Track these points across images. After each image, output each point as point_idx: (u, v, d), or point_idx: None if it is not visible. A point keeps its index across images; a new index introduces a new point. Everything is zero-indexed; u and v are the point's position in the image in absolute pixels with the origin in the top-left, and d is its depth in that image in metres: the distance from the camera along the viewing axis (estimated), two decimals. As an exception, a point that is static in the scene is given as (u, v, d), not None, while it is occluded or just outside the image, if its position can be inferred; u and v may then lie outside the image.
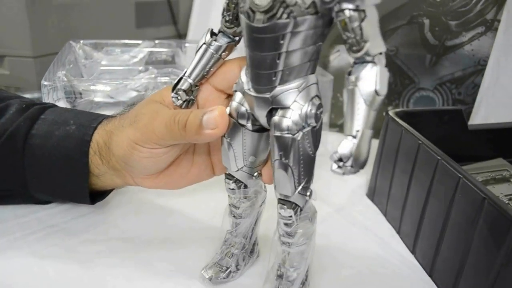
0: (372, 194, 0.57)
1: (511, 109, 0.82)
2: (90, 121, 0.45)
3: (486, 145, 0.61)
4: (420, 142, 0.47)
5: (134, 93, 0.58)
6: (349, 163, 0.28)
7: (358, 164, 0.28)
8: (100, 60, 0.72)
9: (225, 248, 0.42)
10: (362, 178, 0.60)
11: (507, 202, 0.51)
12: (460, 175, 0.41)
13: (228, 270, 0.42)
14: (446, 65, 0.69)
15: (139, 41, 0.75)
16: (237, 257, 0.42)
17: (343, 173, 0.28)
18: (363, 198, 0.58)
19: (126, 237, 0.48)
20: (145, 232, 0.49)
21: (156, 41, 0.75)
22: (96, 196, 0.47)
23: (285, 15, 0.28)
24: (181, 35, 1.13)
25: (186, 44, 0.76)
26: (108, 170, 0.44)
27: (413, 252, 0.48)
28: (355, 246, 0.49)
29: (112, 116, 0.45)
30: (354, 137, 0.28)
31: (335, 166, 0.28)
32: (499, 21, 0.67)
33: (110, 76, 0.66)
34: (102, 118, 0.45)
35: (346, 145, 0.28)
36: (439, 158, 0.44)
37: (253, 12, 0.28)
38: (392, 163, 0.52)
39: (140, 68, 0.66)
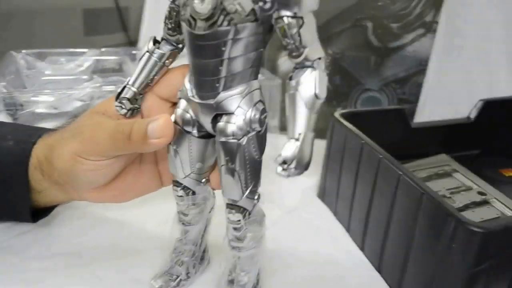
0: (322, 194, 0.58)
1: (454, 106, 0.86)
2: (29, 135, 0.43)
3: (430, 142, 0.63)
4: (363, 142, 0.48)
5: (78, 103, 0.57)
6: (292, 165, 0.29)
7: (302, 165, 0.29)
8: (44, 70, 0.70)
9: (174, 256, 0.42)
10: (313, 179, 0.61)
11: (448, 195, 0.53)
12: (400, 172, 0.42)
13: (179, 279, 0.41)
14: (390, 66, 0.72)
15: (85, 50, 0.73)
16: (187, 264, 0.41)
17: (288, 175, 0.29)
18: (314, 199, 0.59)
19: (71, 251, 0.46)
20: (91, 246, 0.47)
21: (103, 49, 0.73)
22: (39, 213, 0.45)
23: (225, 23, 0.28)
24: (132, 42, 1.11)
25: (134, 52, 0.75)
26: (51, 185, 0.42)
27: (362, 249, 0.50)
28: (306, 247, 0.50)
29: (52, 130, 0.44)
30: (297, 139, 0.29)
31: (279, 168, 0.29)
32: (437, 23, 0.70)
33: (54, 86, 0.64)
34: (41, 132, 0.43)
35: (289, 148, 0.29)
36: (380, 156, 0.45)
37: (194, 19, 0.29)
38: (339, 164, 0.53)
39: (85, 77, 0.64)
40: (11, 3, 0.86)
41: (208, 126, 0.33)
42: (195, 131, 0.35)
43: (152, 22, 1.07)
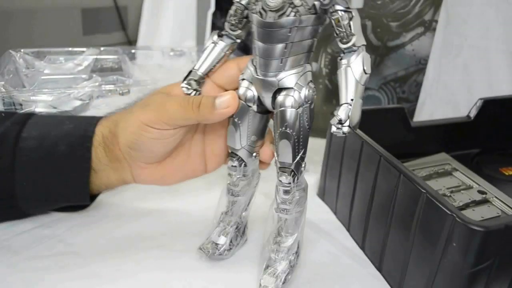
0: (322, 193, 0.58)
1: (454, 104, 0.86)
2: (89, 118, 0.46)
3: (430, 141, 0.63)
4: (363, 140, 0.48)
5: (78, 102, 0.57)
6: (346, 123, 0.35)
7: (354, 124, 0.35)
8: (43, 69, 0.69)
9: (220, 227, 0.46)
10: (313, 178, 0.61)
11: (449, 194, 0.53)
12: (400, 171, 0.42)
13: (223, 248, 0.45)
14: (389, 65, 0.71)
15: (84, 49, 0.73)
16: (231, 235, 0.46)
17: (343, 133, 0.35)
18: (314, 197, 0.59)
19: (73, 251, 0.46)
20: (93, 245, 0.47)
21: (102, 48, 0.73)
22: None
23: (292, 13, 0.34)
24: (131, 41, 1.11)
25: (133, 51, 0.75)
26: (109, 164, 0.44)
27: (362, 248, 0.50)
28: (306, 246, 0.50)
29: (112, 114, 0.46)
30: (349, 104, 0.35)
31: (334, 128, 0.35)
32: (436, 21, 0.70)
33: (52, 85, 0.63)
34: (100, 116, 0.46)
35: (343, 110, 0.35)
36: (381, 155, 0.45)
37: (265, 11, 0.35)
38: (339, 162, 0.53)
39: (84, 76, 0.64)
40: (10, 2, 0.86)
41: (268, 101, 0.39)
42: (254, 107, 0.40)
43: (151, 21, 1.06)
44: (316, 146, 0.59)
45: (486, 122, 0.65)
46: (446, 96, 0.85)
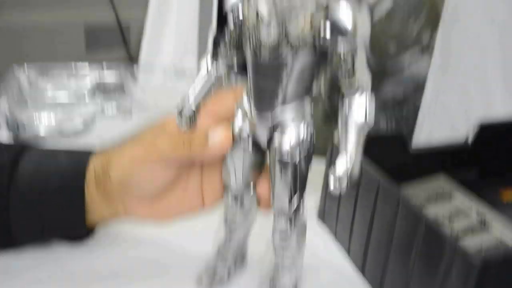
0: (322, 215, 0.59)
1: (452, 125, 0.87)
2: (82, 153, 0.45)
3: (428, 165, 0.64)
4: (362, 164, 0.49)
5: (80, 124, 0.57)
6: (345, 181, 0.32)
7: (353, 181, 0.33)
8: (46, 86, 0.70)
9: (218, 257, 0.45)
10: (313, 200, 0.61)
11: (448, 219, 0.54)
12: (399, 197, 0.43)
13: (220, 277, 0.45)
14: (387, 88, 0.72)
15: (87, 66, 0.73)
16: (229, 264, 0.45)
17: (340, 191, 0.33)
18: (314, 220, 0.59)
19: (72, 276, 0.46)
20: (92, 271, 0.47)
21: (105, 66, 0.74)
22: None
23: (288, 51, 0.32)
24: (132, 58, 1.12)
25: (135, 69, 0.76)
26: (101, 200, 0.44)
27: (362, 272, 0.50)
28: (305, 268, 0.50)
29: (104, 150, 0.46)
30: (348, 160, 0.33)
31: (332, 186, 0.33)
32: (433, 45, 0.71)
33: (56, 105, 0.64)
34: (94, 151, 0.46)
35: (341, 167, 0.33)
36: (379, 180, 0.46)
37: (259, 48, 0.33)
38: (339, 186, 0.54)
39: (87, 93, 0.65)
40: (15, 18, 0.87)
41: (263, 139, 0.37)
42: (250, 145, 0.38)
43: (153, 38, 1.07)
44: (317, 166, 0.59)
45: (484, 146, 0.65)
46: (444, 116, 0.86)
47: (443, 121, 0.86)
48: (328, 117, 0.73)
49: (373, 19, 0.67)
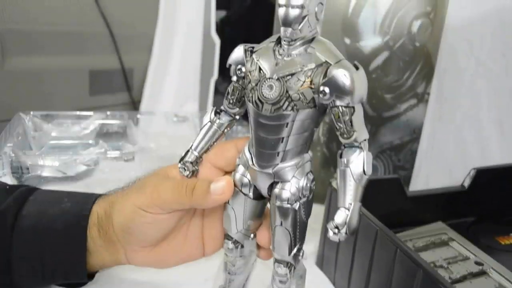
0: (320, 262, 0.59)
1: (449, 171, 0.88)
2: (87, 197, 0.46)
3: (425, 210, 0.64)
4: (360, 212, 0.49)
5: (83, 168, 0.58)
6: (343, 230, 0.33)
7: (351, 230, 0.33)
8: (50, 132, 0.72)
9: None
10: (311, 247, 0.61)
11: (446, 265, 0.54)
12: (397, 245, 0.43)
13: None
14: (385, 134, 0.74)
15: (91, 113, 0.75)
16: None
17: (339, 239, 0.34)
18: (312, 267, 0.59)
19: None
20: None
21: (108, 113, 0.76)
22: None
23: (289, 107, 0.33)
24: (135, 102, 1.14)
25: (138, 116, 0.78)
26: (103, 245, 0.44)
27: (361, 320, 0.49)
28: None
29: (108, 194, 0.46)
30: (347, 209, 0.33)
31: (331, 233, 0.34)
32: (428, 94, 0.74)
33: (60, 148, 0.66)
34: (97, 195, 0.46)
35: (340, 216, 0.33)
36: (377, 228, 0.46)
37: (262, 102, 0.34)
38: (337, 232, 0.54)
39: (91, 141, 0.66)
40: (21, 63, 0.89)
41: (264, 190, 0.38)
42: (250, 193, 0.39)
43: (155, 84, 1.11)
44: (315, 213, 0.60)
45: (480, 191, 0.66)
46: (440, 163, 0.88)
47: (439, 166, 0.87)
48: (327, 161, 0.75)
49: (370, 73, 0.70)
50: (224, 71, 0.99)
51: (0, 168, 0.57)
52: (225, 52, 1.00)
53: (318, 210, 0.60)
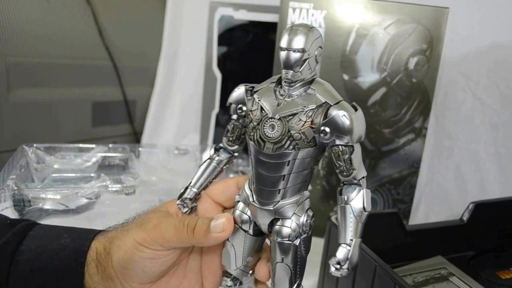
0: (320, 297, 0.58)
1: (448, 204, 0.88)
2: (86, 232, 0.46)
3: (425, 244, 0.64)
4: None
5: (85, 201, 0.59)
6: (345, 266, 0.34)
7: (353, 266, 0.34)
8: (53, 164, 0.72)
9: None
10: (312, 280, 0.61)
11: (446, 302, 0.54)
12: (396, 282, 0.43)
13: None
14: (384, 168, 0.75)
15: (93, 145, 0.76)
16: None
17: (341, 274, 0.34)
18: (312, 301, 0.59)
19: None
20: None
21: (110, 145, 0.77)
22: None
23: (290, 146, 0.35)
24: (137, 133, 1.16)
25: (140, 148, 0.79)
26: (101, 282, 0.43)
27: None
28: None
29: (108, 230, 0.46)
30: (349, 245, 0.34)
31: (333, 269, 0.34)
32: (426, 128, 0.75)
33: (61, 181, 0.66)
34: (98, 230, 0.46)
35: (342, 252, 0.34)
36: (376, 264, 0.46)
37: (264, 141, 0.35)
38: (336, 267, 0.54)
39: (92, 174, 0.67)
40: (25, 95, 0.91)
41: (264, 227, 0.39)
42: (250, 230, 0.40)
43: (157, 116, 1.12)
44: (314, 246, 0.60)
45: (479, 225, 0.66)
46: (440, 196, 0.88)
47: (439, 200, 0.88)
48: (326, 195, 0.75)
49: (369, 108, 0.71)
50: (225, 104, 1.01)
51: (2, 201, 0.57)
52: (226, 85, 1.02)
53: (317, 243, 0.60)
